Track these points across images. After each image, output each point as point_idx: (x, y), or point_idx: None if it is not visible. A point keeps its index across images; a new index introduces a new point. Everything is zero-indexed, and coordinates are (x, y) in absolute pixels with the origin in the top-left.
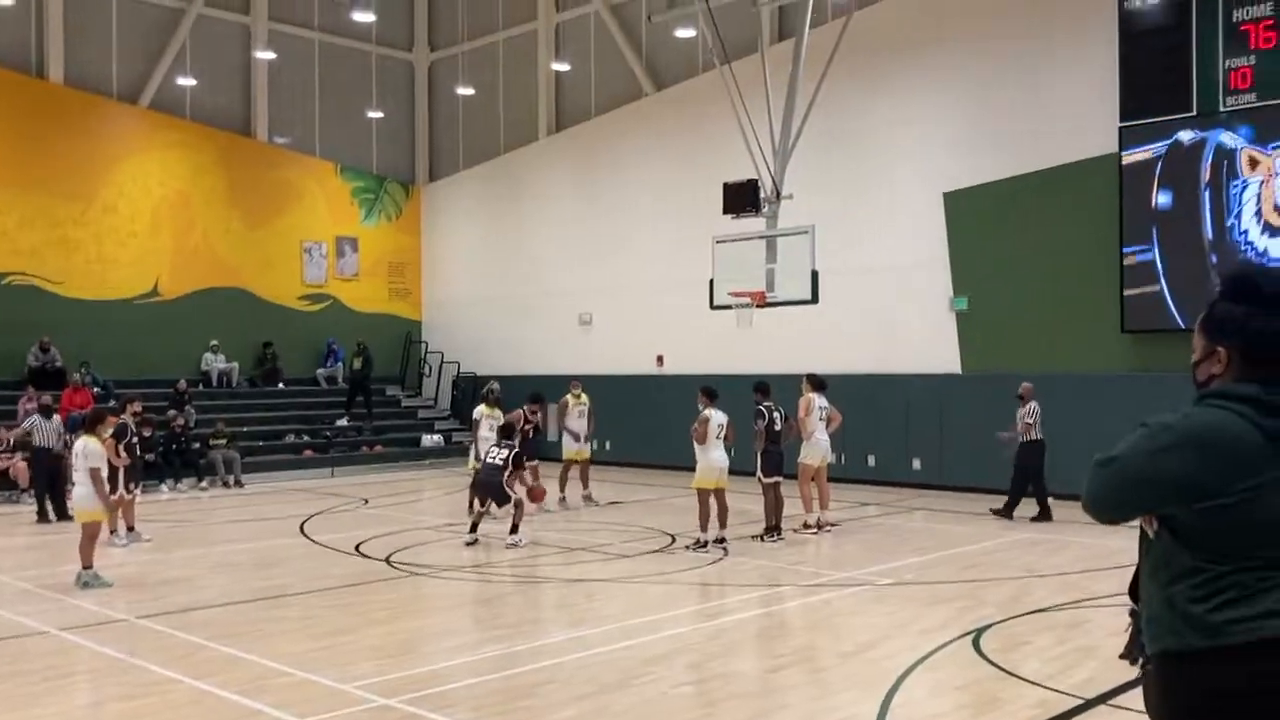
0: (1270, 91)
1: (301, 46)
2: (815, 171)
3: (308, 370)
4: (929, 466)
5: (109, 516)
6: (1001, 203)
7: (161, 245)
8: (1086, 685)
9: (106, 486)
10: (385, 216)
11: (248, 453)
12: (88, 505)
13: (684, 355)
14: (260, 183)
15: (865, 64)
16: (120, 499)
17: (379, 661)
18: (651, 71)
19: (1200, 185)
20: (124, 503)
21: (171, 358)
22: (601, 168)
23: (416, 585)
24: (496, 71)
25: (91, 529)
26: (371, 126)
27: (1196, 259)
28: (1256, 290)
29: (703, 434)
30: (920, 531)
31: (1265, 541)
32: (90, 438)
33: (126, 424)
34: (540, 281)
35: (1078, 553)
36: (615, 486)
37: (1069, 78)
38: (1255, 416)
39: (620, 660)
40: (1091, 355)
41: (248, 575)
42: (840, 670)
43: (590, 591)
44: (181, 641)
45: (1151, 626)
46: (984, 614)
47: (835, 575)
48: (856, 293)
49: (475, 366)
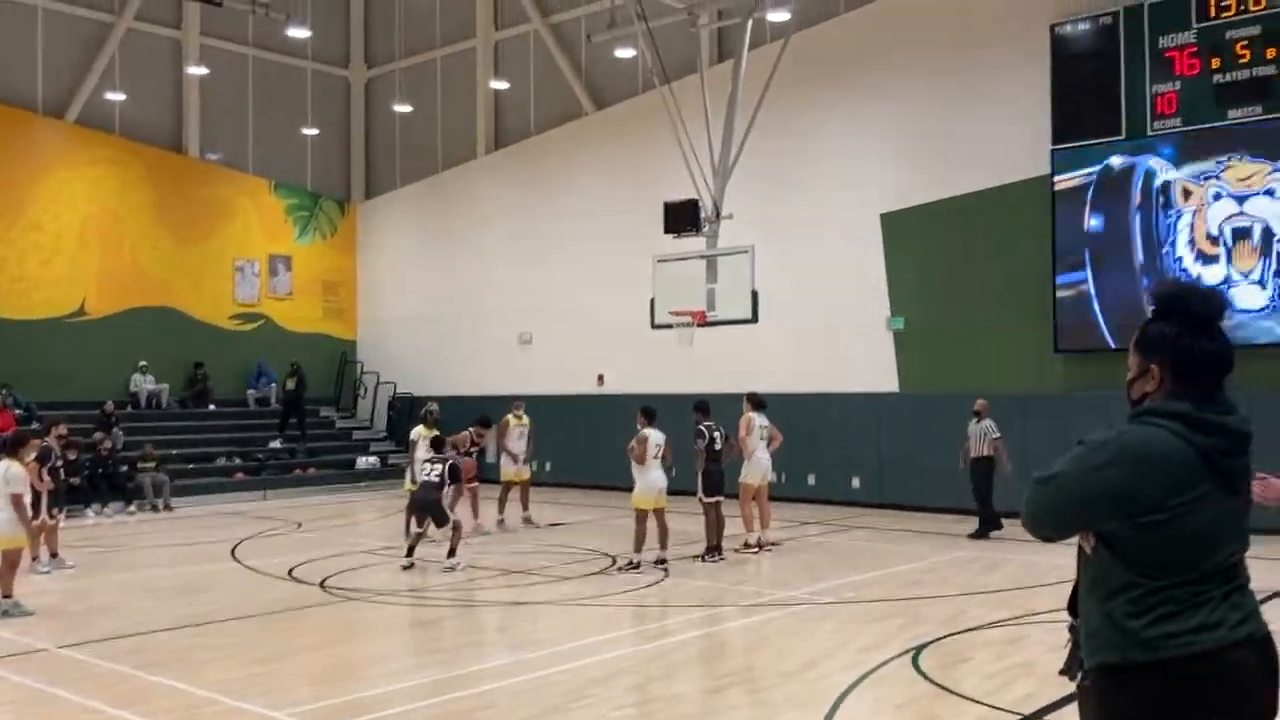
0: (1194, 116)
1: (235, 62)
2: (755, 192)
3: (239, 391)
4: (868, 485)
5: (31, 543)
6: (938, 224)
7: (89, 263)
8: (1025, 701)
9: (29, 512)
10: (320, 234)
11: (177, 476)
12: (8, 531)
13: (625, 375)
14: (191, 200)
15: (804, 86)
16: (43, 524)
17: (312, 688)
18: (591, 90)
19: (1131, 209)
20: (47, 528)
21: (98, 379)
22: (541, 186)
23: (351, 610)
24: (435, 89)
25: (12, 556)
26: (306, 143)
27: (1128, 281)
28: (1186, 309)
29: (640, 453)
30: (860, 550)
31: (1199, 555)
32: (12, 462)
33: (50, 447)
34: (479, 300)
35: (1014, 570)
36: (556, 508)
37: (1003, 101)
38: (1187, 433)
39: (561, 683)
40: (1025, 375)
41: (176, 601)
42: (781, 690)
43: (530, 614)
44: (106, 671)
45: (1091, 641)
46: (923, 631)
47: (776, 595)
48: (796, 312)
49: (412, 387)
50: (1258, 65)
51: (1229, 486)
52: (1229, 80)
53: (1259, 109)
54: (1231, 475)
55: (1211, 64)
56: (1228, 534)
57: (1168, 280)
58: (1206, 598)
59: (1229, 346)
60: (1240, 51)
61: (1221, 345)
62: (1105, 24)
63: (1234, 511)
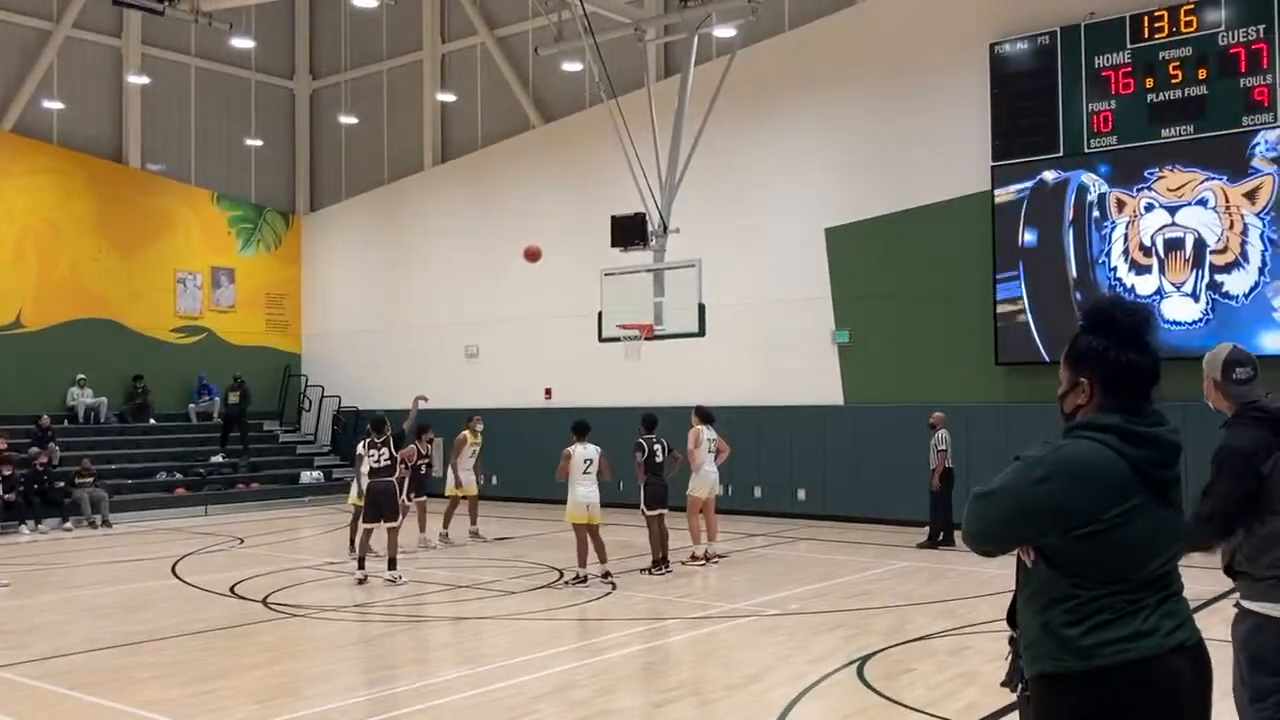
0: (1129, 134)
1: (177, 71)
2: (701, 206)
3: (180, 405)
4: (813, 497)
5: None
6: (882, 238)
7: (25, 274)
8: (967, 711)
9: None
10: (264, 246)
11: (116, 491)
12: None
13: (573, 388)
14: (132, 211)
15: (749, 101)
16: None
17: (256, 706)
18: (539, 104)
19: (1064, 223)
20: None
21: (35, 392)
22: (488, 199)
23: (295, 627)
24: (380, 101)
25: None
26: (250, 154)
27: (1061, 293)
28: (1113, 322)
29: (564, 470)
30: (806, 562)
31: (1134, 565)
32: None
33: None
34: (425, 313)
35: (956, 580)
36: (502, 522)
37: (945, 118)
38: (1119, 445)
39: (507, 699)
40: (968, 387)
41: (115, 620)
42: (728, 702)
43: (475, 629)
44: (42, 692)
45: (1030, 651)
46: (868, 642)
47: (723, 607)
48: (742, 326)
49: (357, 400)
50: (1189, 85)
51: (1161, 497)
52: (1162, 99)
53: (1191, 128)
54: (1164, 485)
55: (1146, 83)
56: (1161, 543)
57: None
58: (1141, 606)
59: (1156, 358)
60: (1173, 72)
61: (1148, 357)
62: (1044, 44)
63: (1168, 521)
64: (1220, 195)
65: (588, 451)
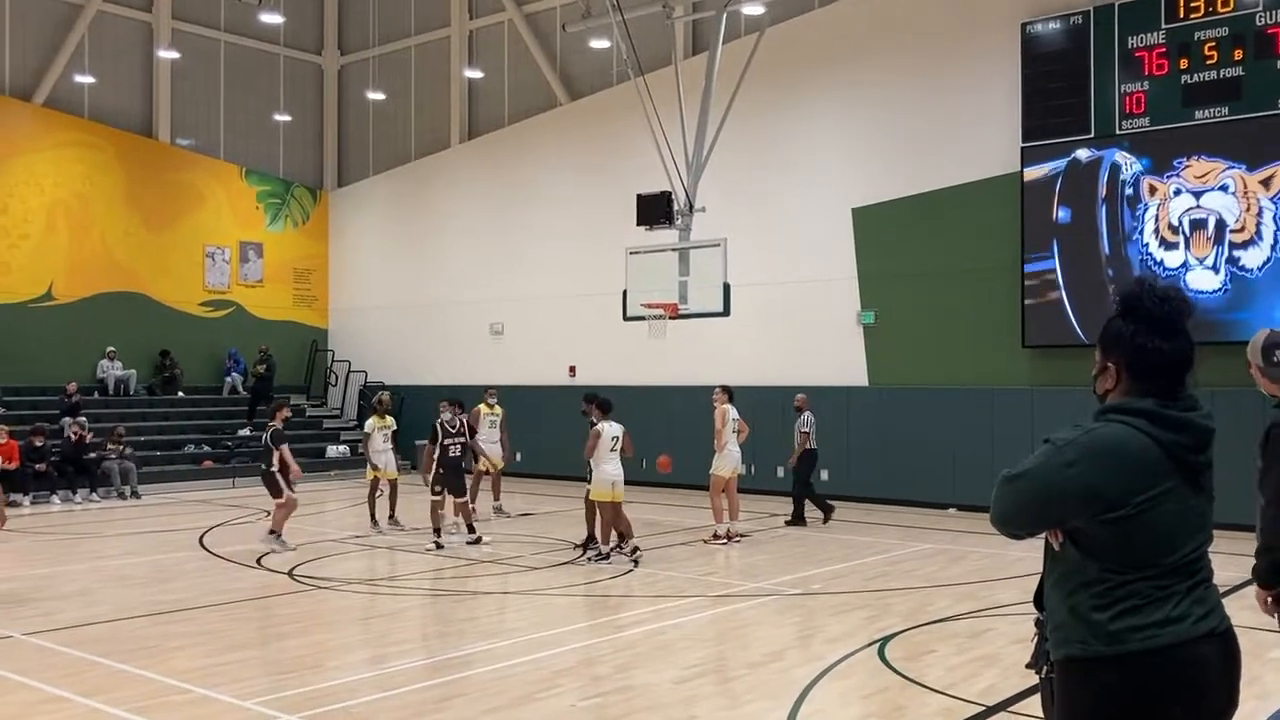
0: (1162, 116)
1: (206, 46)
2: (728, 185)
3: (208, 378)
4: (836, 478)
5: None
6: (909, 219)
7: (57, 247)
8: (988, 693)
9: None
10: (292, 222)
11: (145, 463)
12: None
13: (596, 366)
14: (162, 185)
15: (778, 79)
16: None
17: (280, 677)
18: (565, 81)
19: (1097, 202)
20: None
21: (66, 364)
22: (514, 177)
23: (320, 599)
24: (408, 77)
25: None
26: (279, 130)
27: (1094, 271)
28: (1142, 308)
29: (593, 448)
30: (827, 542)
31: (1164, 550)
32: None
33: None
34: (451, 290)
35: (978, 563)
36: (526, 498)
37: (974, 98)
38: (1151, 429)
39: (528, 673)
40: (993, 370)
41: (144, 589)
42: (748, 680)
43: (498, 604)
44: (72, 659)
45: (1056, 634)
46: (889, 623)
47: (744, 586)
48: (768, 305)
49: (383, 376)
50: (1225, 66)
51: (1193, 482)
52: (1197, 81)
53: (1225, 109)
54: (1195, 470)
55: (1180, 64)
56: (1192, 529)
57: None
58: (1171, 592)
59: (1188, 345)
60: (1208, 53)
61: (1176, 345)
62: (1076, 23)
63: (1198, 507)
64: (1239, 182)
65: (614, 429)
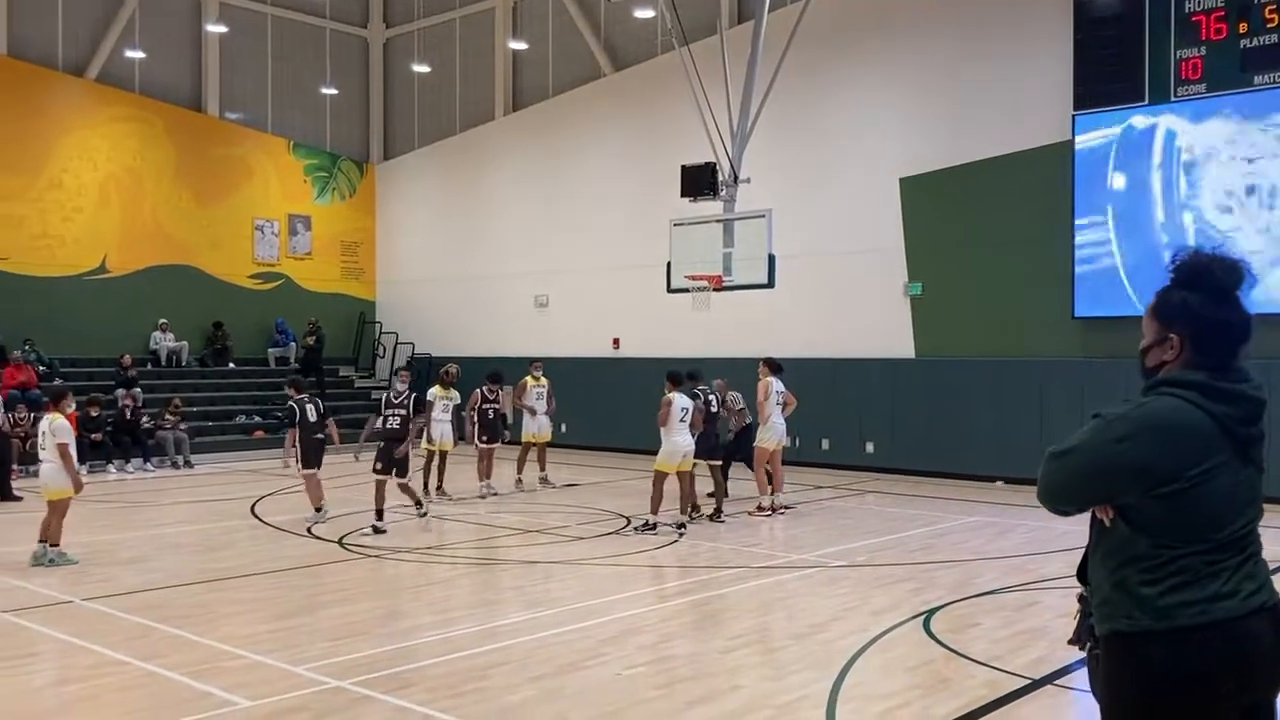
0: (1219, 83)
1: (254, 20)
2: (773, 155)
3: (258, 350)
4: (882, 450)
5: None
6: (957, 188)
7: (109, 221)
8: (1034, 666)
9: (75, 462)
10: (338, 195)
11: (197, 433)
12: (57, 482)
13: (640, 338)
14: (211, 159)
15: (824, 48)
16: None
17: (331, 643)
18: (610, 52)
19: (1152, 169)
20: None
21: (120, 336)
22: (558, 148)
23: (369, 567)
24: (453, 49)
25: (61, 506)
26: (325, 103)
27: (1149, 242)
28: (1210, 278)
29: (665, 417)
30: (872, 514)
31: (1215, 524)
32: (55, 414)
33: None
34: (496, 262)
35: (1026, 536)
36: (571, 469)
37: (1025, 66)
38: (1204, 402)
39: (574, 642)
40: (1042, 341)
41: (198, 557)
42: (793, 651)
43: (545, 573)
44: (130, 624)
45: (1103, 608)
46: (934, 596)
47: (789, 557)
48: (813, 277)
49: (430, 348)
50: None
51: (1244, 455)
52: (1256, 45)
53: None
54: (1247, 444)
55: (1239, 28)
56: (1242, 503)
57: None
58: (1221, 567)
59: (1248, 317)
60: (1269, 15)
61: (1242, 316)
62: None
63: (1249, 480)
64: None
65: (684, 401)
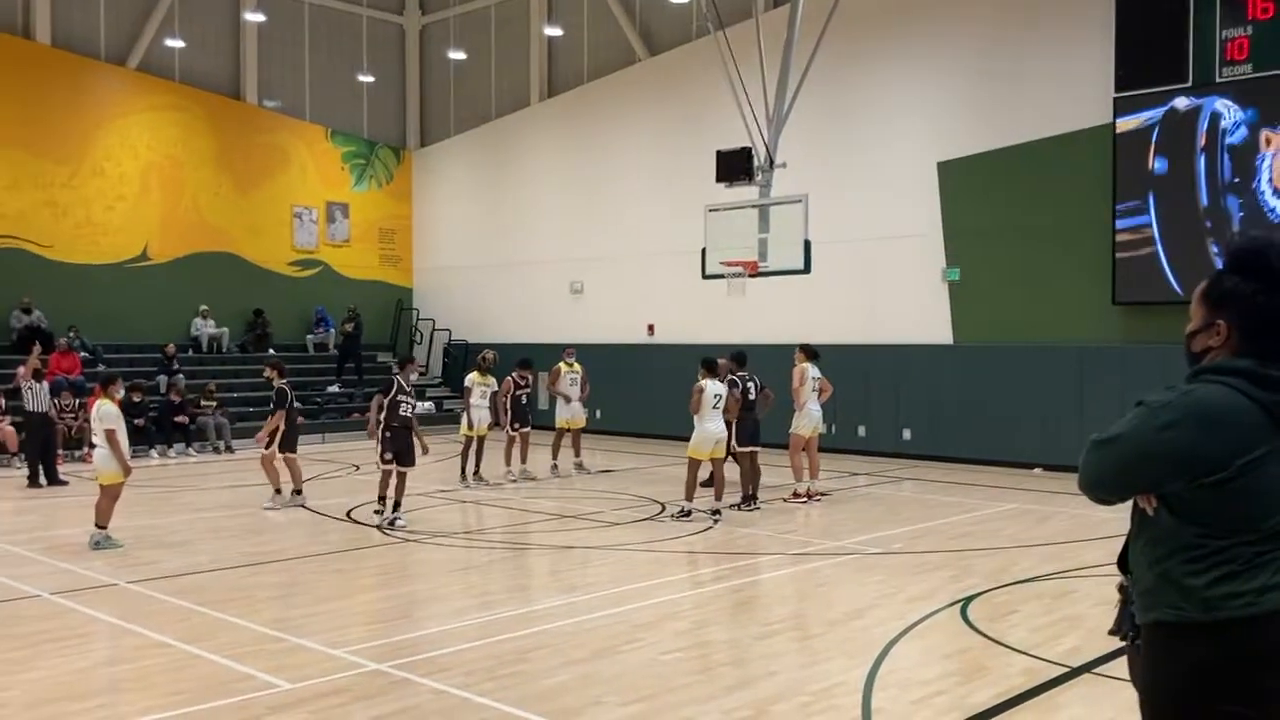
0: (1267, 63)
1: (291, 8)
2: (809, 140)
3: (297, 336)
4: (919, 437)
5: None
6: (995, 173)
7: (151, 209)
8: (1072, 654)
9: (122, 447)
10: (376, 182)
11: (238, 419)
12: (108, 467)
13: (675, 324)
14: (250, 146)
15: (860, 32)
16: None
17: (370, 627)
18: (645, 37)
19: (1196, 153)
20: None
21: (161, 322)
22: (594, 134)
23: (408, 551)
24: (488, 36)
25: (113, 490)
26: (362, 90)
27: (1192, 227)
28: (1266, 265)
29: (697, 404)
30: (909, 502)
31: (1262, 514)
32: (104, 400)
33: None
34: (532, 249)
35: (1064, 523)
36: (606, 455)
37: (1064, 48)
38: (1252, 390)
39: (610, 627)
40: (1083, 327)
41: (239, 541)
42: (828, 638)
43: (581, 558)
44: (173, 607)
45: (1145, 598)
46: (971, 583)
47: (824, 544)
48: (849, 263)
49: (466, 334)
50: None
51: None
52: None
53: None
54: None
55: None
56: None
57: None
58: (1269, 558)
59: None
60: None
61: None
62: None
63: None
64: None
65: (717, 388)
